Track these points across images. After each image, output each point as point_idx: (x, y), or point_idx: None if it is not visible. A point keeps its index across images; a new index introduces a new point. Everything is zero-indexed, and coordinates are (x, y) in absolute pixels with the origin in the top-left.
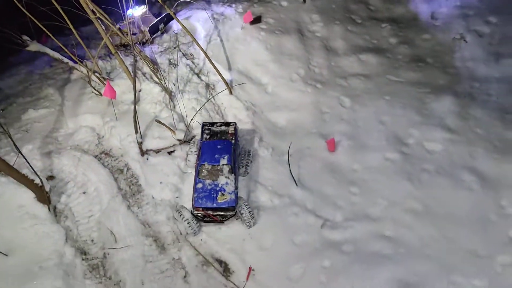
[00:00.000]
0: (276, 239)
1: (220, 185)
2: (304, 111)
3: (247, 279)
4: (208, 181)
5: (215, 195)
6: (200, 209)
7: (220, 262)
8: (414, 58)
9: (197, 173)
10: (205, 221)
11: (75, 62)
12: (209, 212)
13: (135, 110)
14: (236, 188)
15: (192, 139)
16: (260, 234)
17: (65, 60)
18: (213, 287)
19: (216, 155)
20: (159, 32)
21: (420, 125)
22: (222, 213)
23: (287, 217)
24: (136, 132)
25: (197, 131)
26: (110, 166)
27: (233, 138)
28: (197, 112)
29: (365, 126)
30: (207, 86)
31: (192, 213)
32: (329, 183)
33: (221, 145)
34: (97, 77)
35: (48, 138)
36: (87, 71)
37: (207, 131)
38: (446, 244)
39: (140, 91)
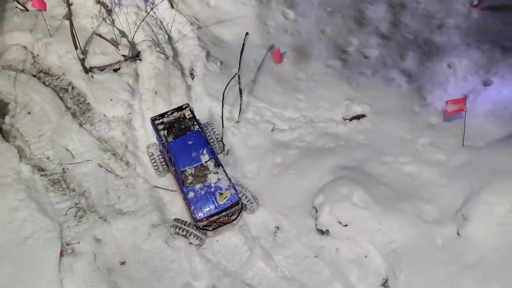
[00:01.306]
0: (232, 144)
1: (213, 185)
2: (248, 24)
3: None
4: (198, 186)
5: (213, 197)
6: (204, 219)
7: None
8: None
9: (181, 182)
10: (213, 229)
11: None
12: (215, 218)
13: (71, 23)
14: (229, 179)
15: (137, 55)
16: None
17: None
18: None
19: (193, 153)
20: None
21: (358, 33)
22: (229, 211)
23: (240, 124)
24: (76, 48)
25: (141, 47)
26: (52, 85)
27: (195, 123)
28: (138, 26)
29: (308, 37)
30: None
31: (196, 226)
32: (276, 92)
33: (191, 139)
34: None
35: None
36: None
37: (161, 126)
38: (378, 134)
39: (71, 4)
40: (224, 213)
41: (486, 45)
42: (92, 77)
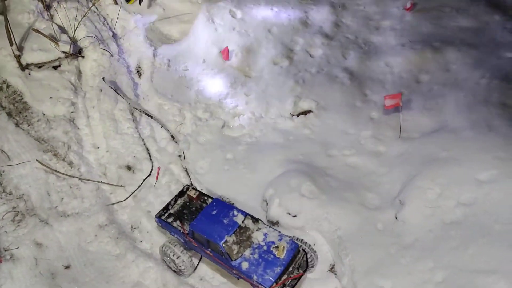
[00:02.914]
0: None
1: (262, 243)
2: (196, 22)
3: (157, 178)
4: (247, 252)
5: (271, 255)
6: (275, 284)
7: (128, 167)
8: None
9: (228, 257)
10: None
11: None
12: (284, 278)
13: (6, 18)
14: (275, 229)
15: (79, 51)
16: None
17: None
18: (127, 183)
19: (225, 220)
20: None
21: (303, 33)
22: (296, 263)
23: (188, 120)
24: (11, 44)
25: (83, 44)
26: None
27: (207, 198)
28: (79, 22)
29: (256, 36)
30: None
31: None
32: (226, 88)
33: (213, 209)
34: None
35: None
36: None
37: (170, 219)
38: (324, 129)
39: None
40: (291, 267)
41: (418, 45)
42: (29, 74)
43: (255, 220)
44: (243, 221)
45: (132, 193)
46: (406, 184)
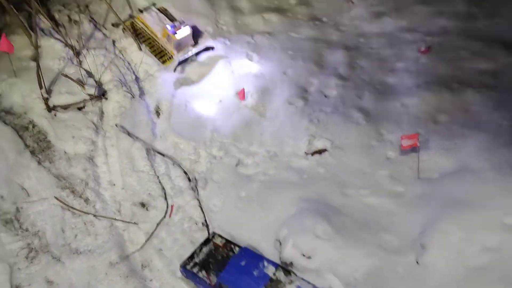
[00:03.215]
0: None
1: None
2: (215, 66)
3: (170, 216)
4: None
5: None
6: None
7: (143, 204)
8: (311, 17)
9: None
10: None
11: None
12: None
13: (38, 64)
14: (307, 281)
15: (103, 93)
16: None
17: None
18: (140, 220)
19: (255, 272)
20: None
21: (318, 74)
22: None
23: (203, 159)
24: (41, 87)
25: (108, 87)
26: (12, 123)
27: (234, 246)
28: (106, 67)
29: (271, 77)
30: (114, 42)
31: None
32: (241, 128)
33: (241, 260)
34: None
35: None
36: None
37: (196, 269)
38: (339, 168)
39: (39, 47)
40: None
41: (435, 86)
42: (55, 115)
43: (287, 272)
44: (274, 273)
45: (147, 240)
46: (427, 226)
